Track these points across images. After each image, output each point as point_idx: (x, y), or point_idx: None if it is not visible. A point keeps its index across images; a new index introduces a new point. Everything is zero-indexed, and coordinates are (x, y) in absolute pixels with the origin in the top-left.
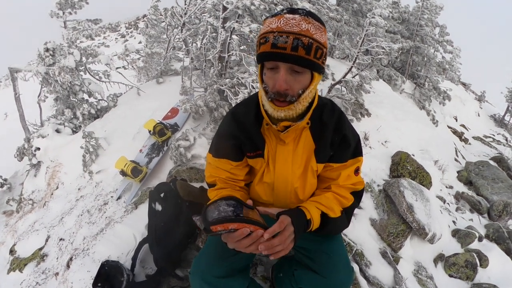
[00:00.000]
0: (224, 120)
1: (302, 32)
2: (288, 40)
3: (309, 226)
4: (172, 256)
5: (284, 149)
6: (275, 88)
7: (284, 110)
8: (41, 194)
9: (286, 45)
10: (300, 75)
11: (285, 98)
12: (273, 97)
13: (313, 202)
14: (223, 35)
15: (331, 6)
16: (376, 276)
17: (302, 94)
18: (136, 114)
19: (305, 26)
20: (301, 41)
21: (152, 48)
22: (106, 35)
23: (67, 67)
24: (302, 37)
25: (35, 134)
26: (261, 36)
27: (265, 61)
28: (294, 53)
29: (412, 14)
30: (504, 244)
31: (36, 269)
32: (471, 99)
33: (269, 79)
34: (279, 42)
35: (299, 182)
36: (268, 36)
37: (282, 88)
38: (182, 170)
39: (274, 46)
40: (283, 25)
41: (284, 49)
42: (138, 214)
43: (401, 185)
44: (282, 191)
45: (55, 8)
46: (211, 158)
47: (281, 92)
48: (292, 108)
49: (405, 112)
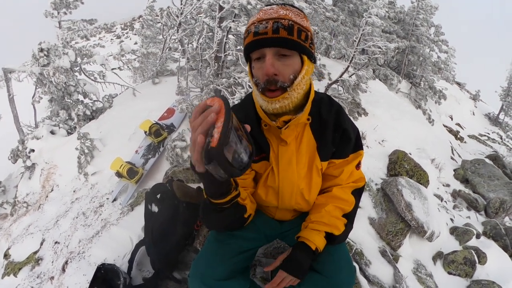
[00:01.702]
0: None
1: (280, 16)
2: (268, 25)
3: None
4: (169, 258)
5: (286, 150)
6: (264, 76)
7: (279, 100)
8: (35, 196)
9: (267, 29)
10: (288, 58)
11: (276, 84)
12: (264, 86)
13: (316, 224)
14: (220, 34)
15: (327, 6)
16: (376, 275)
17: (294, 80)
18: (132, 115)
19: (283, 12)
20: (280, 23)
21: (148, 48)
22: (102, 35)
23: (62, 67)
24: (281, 20)
25: (29, 135)
26: (245, 32)
27: (251, 52)
28: (275, 35)
29: (408, 14)
30: (502, 240)
31: (31, 273)
32: (466, 98)
33: (258, 70)
34: (259, 29)
35: (304, 182)
36: (249, 28)
37: (270, 72)
38: (178, 170)
39: (256, 34)
40: (263, 15)
41: (266, 33)
42: (134, 216)
43: (399, 184)
44: (287, 193)
45: (50, 8)
46: None
47: (270, 78)
48: (287, 97)
49: (401, 111)
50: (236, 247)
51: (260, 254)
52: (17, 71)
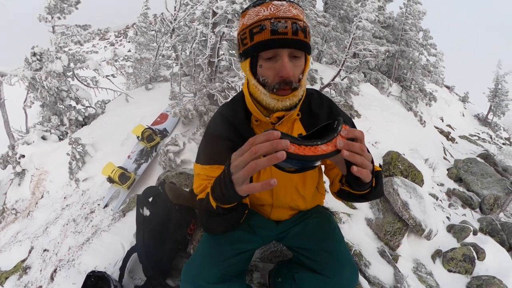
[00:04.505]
0: (211, 123)
1: (295, 17)
2: (287, 25)
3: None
4: (162, 265)
5: None
6: (279, 77)
7: (290, 98)
8: (25, 203)
9: (287, 30)
10: (298, 59)
11: (290, 85)
12: (278, 87)
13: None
14: (213, 39)
15: (318, 12)
16: (377, 275)
17: (302, 79)
18: (125, 120)
19: (295, 11)
20: (298, 25)
21: (141, 54)
22: (95, 42)
23: (54, 71)
24: (298, 22)
25: (20, 141)
26: (254, 25)
27: (264, 50)
28: (295, 37)
29: (397, 20)
30: (498, 236)
31: (18, 282)
32: (456, 100)
33: (269, 70)
34: (279, 28)
35: (298, 177)
36: (264, 23)
37: (290, 75)
38: (171, 175)
39: (275, 32)
40: (276, 12)
41: (286, 34)
42: (126, 222)
43: (394, 183)
44: (282, 190)
45: (44, 13)
46: (200, 168)
47: (287, 80)
48: (296, 95)
49: (393, 113)
50: (231, 249)
51: (256, 259)
52: (9, 74)
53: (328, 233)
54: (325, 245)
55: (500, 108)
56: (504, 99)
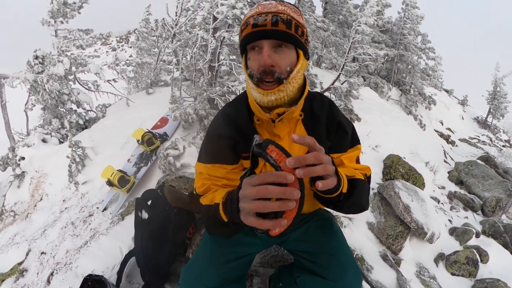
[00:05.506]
0: (214, 122)
1: (279, 11)
2: (267, 18)
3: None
4: (160, 268)
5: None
6: (260, 67)
7: (275, 92)
8: (24, 205)
9: (266, 22)
10: (285, 51)
11: (273, 75)
12: (259, 77)
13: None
14: (214, 44)
15: (317, 18)
16: (379, 280)
17: (291, 73)
18: (125, 124)
19: (281, 7)
20: (279, 17)
21: (142, 58)
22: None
23: (56, 75)
24: (280, 14)
25: (20, 143)
26: (243, 24)
27: (248, 43)
28: (274, 28)
29: (395, 24)
30: (501, 238)
31: (15, 285)
32: (455, 104)
33: (253, 61)
34: (259, 21)
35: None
36: (248, 20)
37: (268, 63)
38: (171, 179)
39: (255, 25)
40: (262, 9)
41: (265, 25)
42: (124, 226)
43: (395, 187)
44: None
45: (47, 16)
46: (201, 167)
47: (266, 69)
48: (283, 90)
49: (393, 117)
50: (231, 252)
51: (257, 264)
52: (11, 77)
53: (330, 235)
54: (327, 247)
55: (499, 110)
56: (503, 102)
